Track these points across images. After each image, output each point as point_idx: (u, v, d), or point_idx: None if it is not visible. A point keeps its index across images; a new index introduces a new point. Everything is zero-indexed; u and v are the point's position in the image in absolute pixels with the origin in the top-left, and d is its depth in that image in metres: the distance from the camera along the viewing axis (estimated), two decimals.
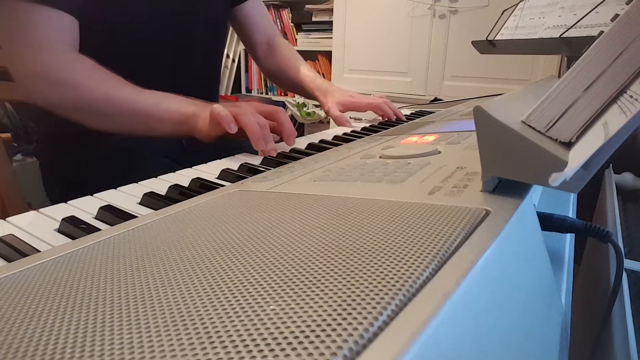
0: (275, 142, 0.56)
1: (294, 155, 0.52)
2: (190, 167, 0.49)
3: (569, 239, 0.35)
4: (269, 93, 2.71)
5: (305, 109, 2.43)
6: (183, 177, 0.46)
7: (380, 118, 0.81)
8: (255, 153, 0.54)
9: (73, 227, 0.32)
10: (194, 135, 0.56)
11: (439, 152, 0.39)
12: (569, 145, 0.23)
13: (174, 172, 0.47)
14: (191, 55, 0.74)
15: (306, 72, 0.86)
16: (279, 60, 0.87)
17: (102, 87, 0.55)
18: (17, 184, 0.77)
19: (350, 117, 0.78)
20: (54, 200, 0.46)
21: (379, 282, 0.16)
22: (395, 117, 0.79)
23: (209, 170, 0.48)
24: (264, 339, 0.13)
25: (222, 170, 0.46)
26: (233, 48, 2.68)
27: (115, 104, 0.55)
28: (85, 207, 0.37)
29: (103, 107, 0.55)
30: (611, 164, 0.80)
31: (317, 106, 2.50)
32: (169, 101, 0.57)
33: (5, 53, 0.56)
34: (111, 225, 0.31)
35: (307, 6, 2.42)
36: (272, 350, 0.13)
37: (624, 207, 0.66)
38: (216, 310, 0.15)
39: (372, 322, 0.13)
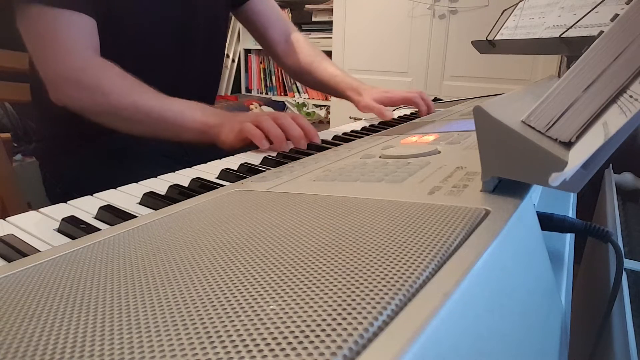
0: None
1: (294, 155, 0.52)
2: (190, 167, 0.49)
3: (569, 239, 0.35)
4: (269, 93, 2.71)
5: (305, 109, 2.44)
6: (183, 177, 0.46)
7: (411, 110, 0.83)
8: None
9: (73, 227, 0.32)
10: (216, 144, 0.58)
11: (439, 152, 0.39)
12: (569, 145, 0.23)
13: (174, 172, 0.47)
14: (191, 55, 0.74)
15: (334, 71, 0.86)
16: (302, 58, 0.87)
17: (130, 95, 0.58)
18: (17, 184, 0.77)
19: (350, 117, 0.78)
20: (54, 200, 0.46)
21: (379, 282, 0.16)
22: (426, 113, 0.80)
23: (209, 170, 0.48)
24: (264, 339, 0.13)
25: (222, 170, 0.46)
26: (233, 48, 2.68)
27: (142, 112, 0.58)
28: (85, 207, 0.37)
29: (130, 113, 0.58)
30: (611, 164, 0.80)
31: (317, 106, 2.50)
32: (193, 110, 0.59)
33: (36, 58, 0.59)
34: (111, 225, 0.31)
35: (307, 6, 2.42)
36: (272, 350, 0.13)
37: (624, 207, 0.66)
38: (216, 310, 0.15)
39: (372, 322, 0.13)
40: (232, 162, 0.51)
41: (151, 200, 0.37)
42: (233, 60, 2.71)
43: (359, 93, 0.83)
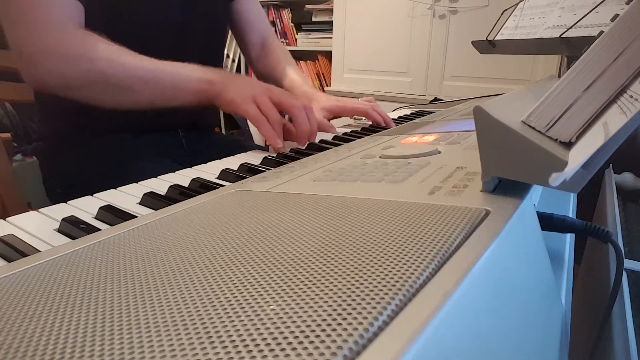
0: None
1: (294, 155, 0.52)
2: (190, 167, 0.49)
3: (569, 239, 0.35)
4: None
5: None
6: (183, 177, 0.46)
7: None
8: (260, 149, 0.55)
9: (73, 227, 0.32)
10: (215, 103, 0.55)
11: (439, 152, 0.39)
12: (569, 145, 0.23)
13: (174, 172, 0.47)
14: (191, 55, 0.74)
15: (294, 78, 0.84)
16: (270, 63, 0.86)
17: (118, 58, 0.54)
18: (17, 184, 0.77)
19: (350, 117, 0.78)
20: (54, 200, 0.46)
21: (379, 282, 0.16)
22: (383, 123, 0.75)
23: (209, 170, 0.48)
24: (264, 339, 0.13)
25: (222, 170, 0.46)
26: (233, 48, 2.68)
27: (133, 75, 0.54)
28: (85, 207, 0.37)
29: (120, 79, 0.54)
30: (611, 164, 0.80)
31: None
32: (189, 69, 0.56)
33: (12, 35, 0.55)
34: (111, 225, 0.31)
35: (307, 6, 2.42)
36: (272, 350, 0.13)
37: (624, 207, 0.66)
38: (216, 310, 0.15)
39: (372, 322, 0.13)
40: (232, 162, 0.51)
41: (151, 200, 0.37)
42: (233, 60, 2.71)
43: (310, 101, 0.80)
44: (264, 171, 0.43)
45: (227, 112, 0.54)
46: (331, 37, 2.15)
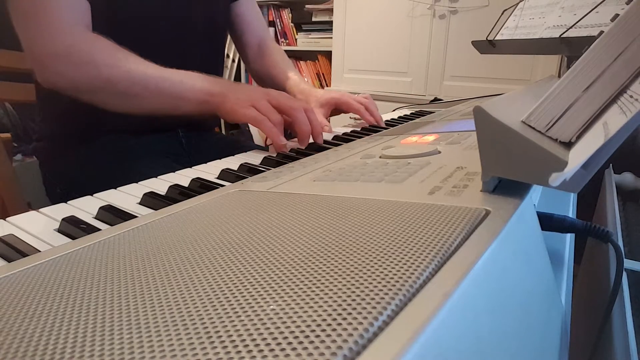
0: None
1: (294, 155, 0.52)
2: (190, 167, 0.49)
3: (569, 239, 0.35)
4: None
5: None
6: (183, 177, 0.46)
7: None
8: (260, 149, 0.55)
9: (73, 227, 0.32)
10: (218, 114, 0.56)
11: (439, 152, 0.39)
12: (569, 145, 0.23)
13: (174, 172, 0.47)
14: (191, 54, 0.74)
15: (292, 77, 0.84)
16: (268, 63, 0.86)
17: (124, 65, 0.55)
18: (17, 184, 0.77)
19: (351, 117, 0.77)
20: (54, 200, 0.46)
21: (379, 282, 0.16)
22: (374, 123, 0.74)
23: (209, 170, 0.48)
24: (264, 339, 0.13)
25: (222, 170, 0.46)
26: (233, 48, 2.68)
27: (138, 83, 0.55)
28: (85, 207, 0.37)
29: (125, 86, 0.55)
30: (611, 164, 0.80)
31: None
32: (193, 79, 0.57)
33: (24, 37, 0.57)
34: (111, 225, 0.31)
35: (307, 6, 2.42)
36: (272, 350, 0.13)
37: (624, 207, 0.66)
38: (216, 310, 0.15)
39: (372, 322, 0.13)
40: (232, 162, 0.51)
41: (151, 200, 0.37)
42: (233, 60, 2.71)
43: (307, 98, 0.80)
44: (264, 171, 0.43)
45: (230, 122, 0.55)
46: (331, 37, 2.15)
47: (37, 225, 0.33)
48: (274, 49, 0.89)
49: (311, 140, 0.58)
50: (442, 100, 1.16)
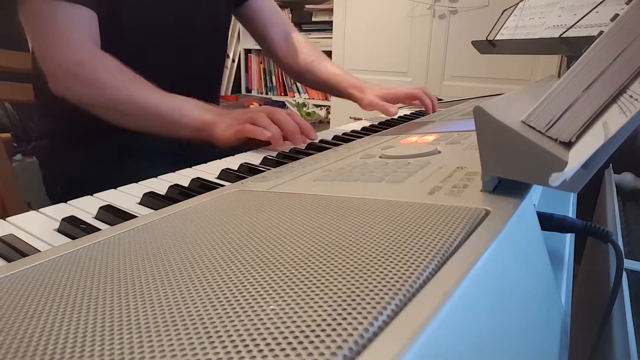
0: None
1: (294, 155, 0.52)
2: (190, 167, 0.49)
3: (569, 239, 0.35)
4: (269, 93, 2.71)
5: (305, 109, 2.43)
6: (183, 177, 0.46)
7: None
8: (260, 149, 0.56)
9: (73, 227, 0.32)
10: (212, 141, 0.58)
11: (439, 152, 0.39)
12: (569, 145, 0.23)
13: (174, 172, 0.47)
14: (192, 55, 0.74)
15: (335, 70, 0.86)
16: (302, 57, 0.87)
17: (127, 89, 0.58)
18: (17, 184, 0.77)
19: (350, 117, 0.78)
20: (54, 200, 0.46)
21: (379, 282, 0.16)
22: (432, 109, 0.82)
23: (209, 170, 0.48)
24: (264, 339, 0.13)
25: (222, 170, 0.46)
26: (233, 48, 2.69)
27: (138, 107, 0.58)
28: (85, 207, 0.37)
29: (126, 108, 0.58)
30: (611, 164, 0.80)
31: (317, 106, 2.50)
32: (189, 107, 0.59)
33: (37, 50, 0.60)
34: (111, 225, 0.31)
35: (307, 6, 2.42)
36: (272, 350, 0.13)
37: (624, 207, 0.66)
38: (216, 310, 0.15)
39: (372, 322, 0.13)
40: (232, 162, 0.51)
41: (151, 200, 0.37)
42: (233, 60, 2.71)
43: (362, 91, 0.83)
44: (264, 171, 0.43)
45: (226, 148, 0.57)
46: (331, 37, 2.15)
47: (37, 225, 0.33)
48: (304, 42, 0.89)
49: (311, 140, 0.58)
50: (442, 100, 1.16)
